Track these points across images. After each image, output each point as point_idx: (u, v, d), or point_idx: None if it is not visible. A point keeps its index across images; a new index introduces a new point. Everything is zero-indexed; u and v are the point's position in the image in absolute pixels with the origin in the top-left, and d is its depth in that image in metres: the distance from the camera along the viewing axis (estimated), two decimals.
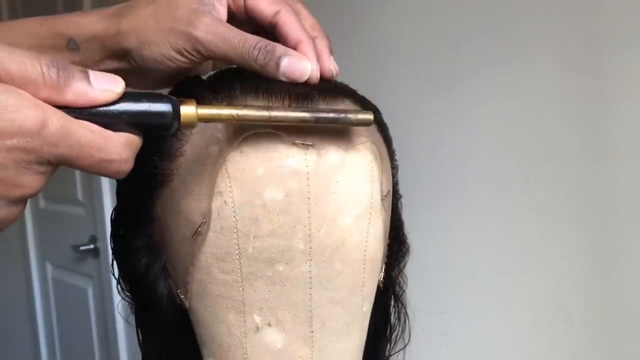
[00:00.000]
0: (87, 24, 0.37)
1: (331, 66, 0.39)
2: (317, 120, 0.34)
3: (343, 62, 0.42)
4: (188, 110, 0.31)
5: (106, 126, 0.29)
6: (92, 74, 0.28)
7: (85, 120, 0.28)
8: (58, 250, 1.99)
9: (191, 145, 0.38)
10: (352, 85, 0.43)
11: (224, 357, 0.40)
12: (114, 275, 0.46)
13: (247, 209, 0.36)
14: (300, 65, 0.37)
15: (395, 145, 0.45)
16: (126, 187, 0.43)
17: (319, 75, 0.38)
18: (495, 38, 0.77)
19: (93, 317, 1.86)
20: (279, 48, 0.36)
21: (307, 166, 0.36)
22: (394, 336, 0.50)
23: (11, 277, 2.28)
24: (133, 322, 0.46)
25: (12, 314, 2.29)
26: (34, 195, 0.28)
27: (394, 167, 0.44)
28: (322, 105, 0.36)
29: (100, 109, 0.28)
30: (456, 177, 0.84)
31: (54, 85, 0.26)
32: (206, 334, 0.40)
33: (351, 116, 0.35)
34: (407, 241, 0.48)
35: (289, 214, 0.36)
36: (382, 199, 0.39)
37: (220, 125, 0.37)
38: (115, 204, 0.44)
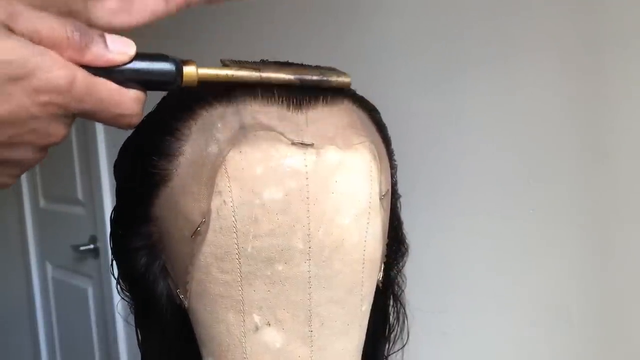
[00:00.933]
0: None
1: None
2: (302, 82, 0.38)
3: (342, 62, 0.42)
4: (190, 69, 0.34)
5: (119, 83, 0.32)
6: (109, 37, 0.31)
7: (102, 77, 0.31)
8: (58, 250, 1.99)
9: (190, 145, 0.38)
10: (352, 85, 0.43)
11: (223, 356, 0.40)
12: (113, 275, 0.46)
13: (246, 208, 0.36)
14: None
15: (394, 145, 0.45)
16: (125, 187, 0.43)
17: None
18: (495, 38, 0.77)
19: (93, 317, 1.86)
20: None
21: (306, 166, 0.36)
22: (392, 336, 0.50)
23: (11, 277, 2.28)
24: (133, 322, 0.46)
25: (12, 314, 2.29)
26: (58, 143, 0.31)
27: (392, 167, 0.44)
28: (309, 72, 0.38)
29: (117, 70, 0.32)
30: (455, 177, 0.83)
31: (76, 47, 0.30)
32: (205, 334, 0.40)
33: (332, 79, 0.39)
34: (406, 241, 0.48)
35: (288, 214, 0.36)
36: (381, 199, 0.39)
37: (219, 125, 0.37)
38: (115, 203, 0.44)
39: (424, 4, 0.84)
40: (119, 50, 0.31)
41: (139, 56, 0.32)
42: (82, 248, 1.81)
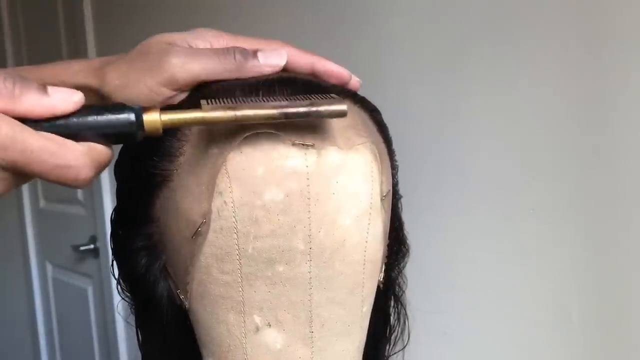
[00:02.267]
0: (68, 76, 0.38)
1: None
2: (286, 116, 0.33)
3: (345, 62, 0.42)
4: (151, 117, 0.31)
5: (71, 138, 0.29)
6: (50, 87, 0.29)
7: (45, 132, 0.29)
8: (58, 250, 1.99)
9: (191, 145, 0.38)
10: None
11: (223, 357, 0.40)
12: (114, 275, 0.46)
13: (247, 209, 0.36)
14: (276, 52, 0.39)
15: (395, 145, 0.45)
16: (126, 187, 0.43)
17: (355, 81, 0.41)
18: (496, 37, 0.77)
19: (93, 317, 1.86)
20: (249, 48, 0.38)
21: (307, 166, 0.36)
22: (393, 337, 0.50)
23: (11, 277, 2.28)
24: (133, 323, 0.46)
25: (12, 314, 2.29)
26: None
27: (393, 168, 0.44)
28: (295, 104, 0.34)
29: (61, 121, 0.29)
30: (456, 177, 0.83)
31: (9, 94, 0.28)
32: (206, 335, 0.40)
33: (322, 109, 0.33)
34: (407, 242, 0.48)
35: (289, 215, 0.36)
36: (382, 199, 0.39)
37: (220, 125, 0.37)
38: (115, 204, 0.44)
39: (428, 6, 0.84)
40: (60, 97, 0.29)
41: (91, 108, 0.30)
42: (82, 248, 1.81)
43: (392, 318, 0.50)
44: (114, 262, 0.45)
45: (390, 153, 0.44)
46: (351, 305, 0.40)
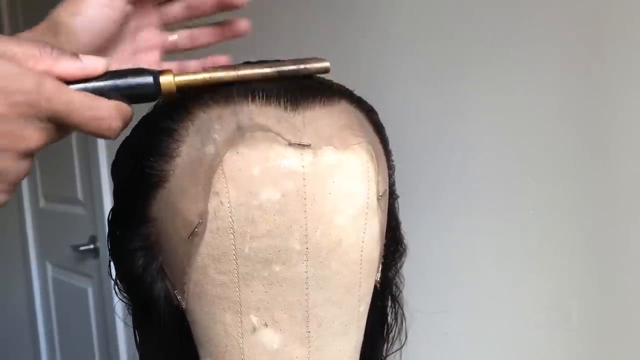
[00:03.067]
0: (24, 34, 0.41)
1: None
2: (280, 73, 0.39)
3: (345, 62, 0.42)
4: (166, 79, 0.36)
5: None
6: (81, 54, 0.34)
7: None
8: (58, 250, 1.99)
9: (187, 146, 0.38)
10: (355, 85, 0.42)
11: (220, 357, 0.40)
12: (111, 276, 0.46)
13: (243, 209, 0.36)
14: None
15: (396, 145, 0.45)
16: (123, 188, 0.43)
17: None
18: (496, 37, 0.77)
19: (93, 317, 1.86)
20: None
21: (303, 166, 0.36)
22: (390, 336, 0.50)
23: (11, 277, 2.28)
24: (130, 323, 0.46)
25: (12, 314, 2.29)
26: (35, 150, 0.32)
27: (390, 168, 0.44)
28: (286, 64, 0.39)
29: (91, 84, 0.34)
30: (456, 177, 0.83)
31: (49, 56, 0.32)
32: (203, 335, 0.40)
33: (309, 66, 0.39)
34: (404, 241, 0.48)
35: (285, 214, 0.36)
36: (378, 199, 0.39)
37: (216, 126, 0.37)
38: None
39: (428, 4, 0.84)
40: (91, 61, 0.34)
41: (116, 72, 0.35)
42: (82, 248, 1.81)
43: (389, 318, 0.50)
44: (111, 263, 0.45)
45: (387, 153, 0.43)
46: (348, 305, 0.40)
